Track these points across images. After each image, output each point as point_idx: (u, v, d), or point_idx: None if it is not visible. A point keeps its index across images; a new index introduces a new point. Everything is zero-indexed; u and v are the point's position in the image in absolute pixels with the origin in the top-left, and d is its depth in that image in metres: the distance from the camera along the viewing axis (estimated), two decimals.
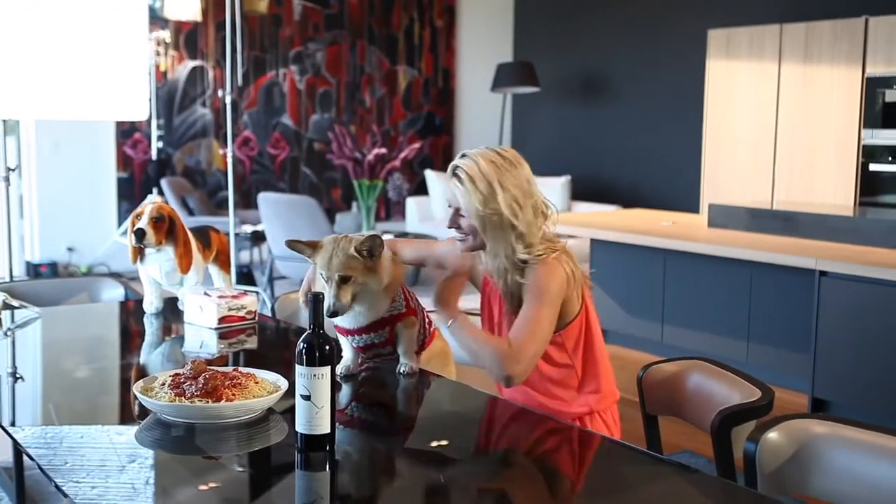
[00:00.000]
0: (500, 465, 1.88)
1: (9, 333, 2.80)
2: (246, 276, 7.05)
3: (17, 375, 2.45)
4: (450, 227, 2.29)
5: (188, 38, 8.15)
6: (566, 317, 2.27)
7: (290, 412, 1.80)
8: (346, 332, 2.34)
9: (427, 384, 2.33)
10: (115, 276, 5.59)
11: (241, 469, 1.80)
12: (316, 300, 1.79)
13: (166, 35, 8.00)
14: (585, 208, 8.20)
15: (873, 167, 6.11)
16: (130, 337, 2.99)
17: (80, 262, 7.75)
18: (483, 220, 2.21)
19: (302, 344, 1.76)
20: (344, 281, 2.21)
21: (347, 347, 2.36)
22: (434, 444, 2.00)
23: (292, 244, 2.29)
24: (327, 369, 1.76)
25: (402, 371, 2.32)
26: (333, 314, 2.20)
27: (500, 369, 2.13)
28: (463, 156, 2.25)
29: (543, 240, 2.26)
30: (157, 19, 7.87)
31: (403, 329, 2.35)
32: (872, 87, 6.05)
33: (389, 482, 1.79)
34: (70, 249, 7.73)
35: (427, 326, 2.50)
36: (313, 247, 2.27)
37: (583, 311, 2.30)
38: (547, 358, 2.28)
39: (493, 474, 1.83)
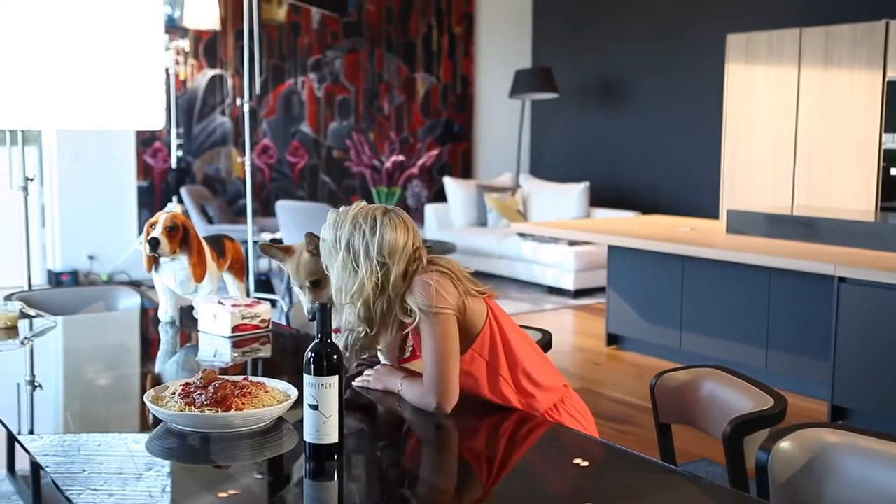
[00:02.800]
0: (508, 472, 1.87)
1: (26, 342, 2.82)
2: (264, 284, 7.08)
3: (36, 384, 2.47)
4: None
5: (207, 47, 8.20)
6: (471, 331, 2.17)
7: (301, 421, 1.80)
8: None
9: None
10: (135, 284, 5.62)
11: (251, 478, 1.80)
12: (323, 309, 1.80)
13: (186, 44, 8.06)
14: (604, 214, 8.18)
15: (894, 171, 6.05)
16: (146, 345, 3.01)
17: (101, 271, 7.80)
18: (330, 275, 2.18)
19: (309, 353, 1.76)
20: (315, 285, 2.26)
21: (382, 359, 2.36)
22: (439, 451, 2.00)
23: (266, 248, 2.32)
24: (335, 379, 1.76)
25: (366, 377, 2.29)
26: (313, 318, 2.24)
27: (422, 401, 2.10)
28: (353, 213, 2.22)
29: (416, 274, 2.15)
30: (176, 29, 7.92)
31: (383, 335, 2.34)
32: (893, 90, 6.00)
33: (398, 491, 1.78)
34: (91, 258, 7.79)
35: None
36: (286, 251, 2.30)
37: (489, 320, 2.18)
38: (473, 379, 2.19)
39: (499, 482, 1.82)
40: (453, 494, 1.76)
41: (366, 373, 2.30)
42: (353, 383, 2.28)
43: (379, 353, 2.37)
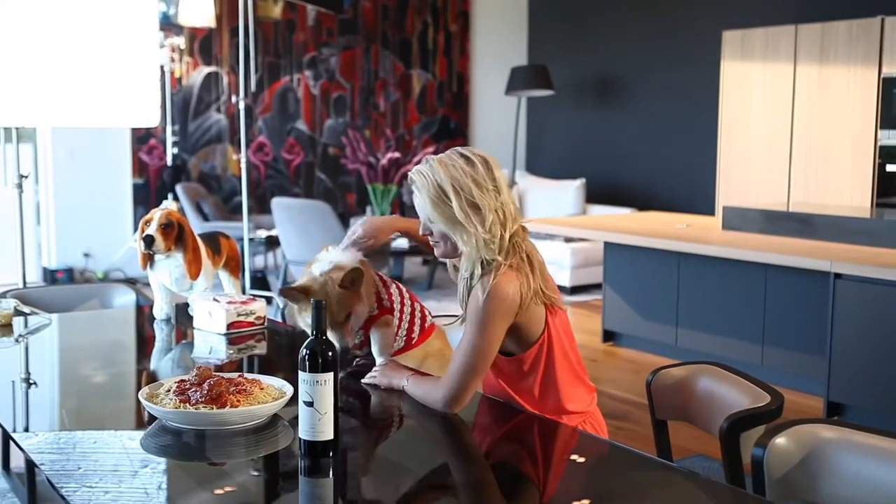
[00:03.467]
0: (501, 468, 1.87)
1: (20, 340, 2.81)
2: (260, 281, 7.07)
3: (31, 381, 2.46)
4: (423, 235, 2.19)
5: (203, 45, 8.18)
6: (526, 338, 2.12)
7: (296, 418, 1.80)
8: None
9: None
10: (130, 281, 5.61)
11: (246, 475, 1.80)
12: (318, 307, 1.79)
13: (181, 42, 8.04)
14: (600, 211, 8.18)
15: (890, 168, 6.05)
16: (142, 343, 3.00)
17: (97, 268, 7.79)
18: (441, 226, 2.10)
19: (304, 350, 1.76)
20: (347, 319, 2.28)
21: (376, 354, 2.37)
22: (436, 448, 1.99)
23: (288, 293, 2.29)
24: (330, 376, 1.75)
25: (373, 374, 2.29)
26: (346, 351, 2.29)
27: (434, 397, 2.07)
28: (425, 161, 2.14)
29: (512, 250, 2.10)
30: (171, 26, 7.91)
31: (376, 330, 2.37)
32: (889, 87, 6.00)
33: (393, 488, 1.78)
34: (86, 255, 7.77)
35: (417, 322, 2.47)
36: (305, 292, 2.28)
37: (545, 334, 2.13)
38: (504, 379, 2.17)
39: (495, 477, 1.82)
40: (448, 490, 1.76)
41: (373, 370, 2.29)
42: (362, 381, 2.27)
43: (373, 348, 2.36)
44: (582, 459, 1.91)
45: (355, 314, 2.30)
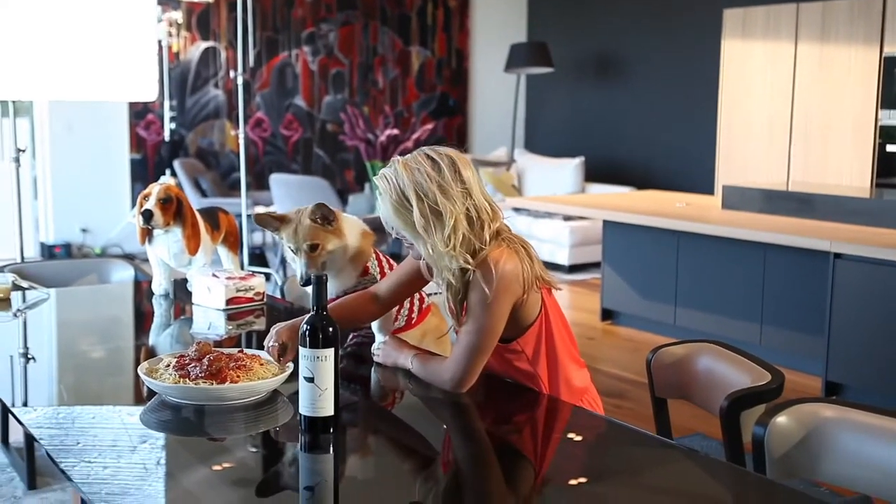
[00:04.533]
0: (501, 445, 1.87)
1: (18, 314, 2.80)
2: (259, 258, 7.06)
3: (29, 356, 2.46)
4: (395, 237, 2.11)
5: (200, 19, 8.13)
6: (522, 321, 2.08)
7: (296, 394, 1.80)
8: None
9: None
10: (128, 257, 5.60)
11: (246, 451, 1.79)
12: (319, 282, 1.78)
13: (178, 16, 7.98)
14: (599, 189, 8.16)
15: (890, 148, 6.04)
16: (141, 318, 2.99)
17: (94, 244, 7.77)
18: (404, 232, 2.03)
19: (305, 326, 1.75)
20: (312, 249, 2.34)
21: (376, 331, 2.34)
22: (436, 425, 1.99)
23: (261, 218, 2.38)
24: (331, 351, 1.75)
25: (376, 350, 2.29)
26: (307, 283, 2.27)
27: (441, 377, 2.05)
28: (390, 164, 2.06)
29: (498, 239, 2.04)
30: (169, 0, 7.85)
31: None
32: (890, 66, 5.97)
33: (393, 464, 1.78)
34: (84, 231, 7.75)
35: (416, 303, 2.50)
36: (280, 220, 2.38)
37: (541, 315, 2.10)
38: (510, 367, 2.14)
39: (494, 455, 1.82)
40: (447, 467, 1.76)
41: (374, 347, 2.29)
42: (373, 355, 2.27)
43: (373, 326, 2.36)
44: (580, 437, 1.91)
45: (324, 248, 2.36)
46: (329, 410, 1.75)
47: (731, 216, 5.07)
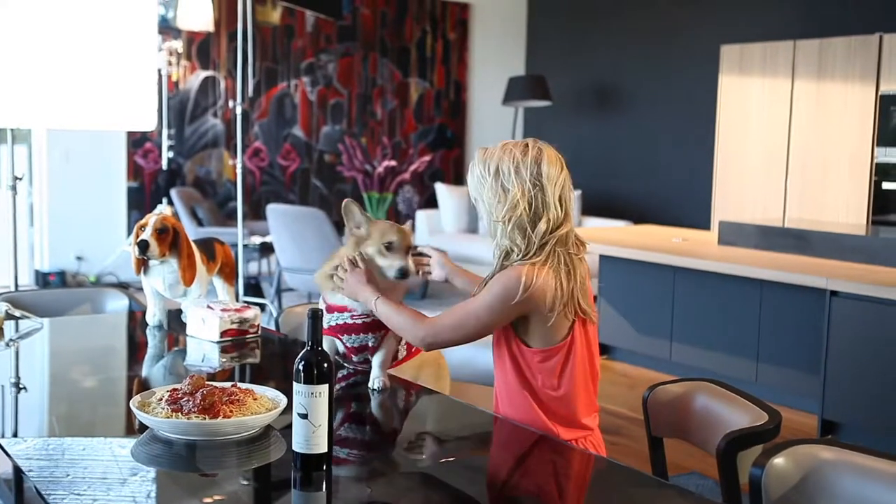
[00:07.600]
0: (497, 485, 1.85)
1: (11, 344, 2.78)
2: (254, 288, 7.04)
3: (21, 386, 2.44)
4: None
5: (200, 49, 8.17)
6: (548, 338, 2.11)
7: (289, 429, 1.78)
8: (342, 329, 2.35)
9: (422, 400, 2.31)
10: (123, 286, 5.58)
11: (238, 486, 1.77)
12: (315, 317, 1.77)
13: (179, 45, 8.02)
14: (596, 223, 8.17)
15: (886, 185, 6.06)
16: (134, 349, 2.97)
17: (89, 272, 7.75)
18: (479, 200, 2.20)
19: (300, 361, 1.73)
20: (388, 248, 2.36)
21: (375, 365, 2.35)
22: (431, 462, 1.97)
23: (350, 207, 2.40)
24: (325, 387, 1.73)
25: (374, 387, 2.31)
26: (405, 275, 2.33)
27: (413, 329, 2.16)
28: (500, 146, 2.22)
29: (553, 248, 2.11)
30: (169, 29, 7.89)
31: (389, 339, 2.37)
32: (886, 104, 6.01)
33: (387, 501, 1.76)
34: (79, 258, 7.74)
35: None
36: (369, 219, 2.41)
37: (567, 343, 2.12)
38: (525, 368, 2.15)
39: (491, 495, 1.80)
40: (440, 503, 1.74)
41: (338, 273, 2.33)
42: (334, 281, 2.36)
43: (373, 361, 2.34)
44: (577, 476, 1.89)
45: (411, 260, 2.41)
46: (323, 447, 1.73)
47: (727, 252, 5.07)
